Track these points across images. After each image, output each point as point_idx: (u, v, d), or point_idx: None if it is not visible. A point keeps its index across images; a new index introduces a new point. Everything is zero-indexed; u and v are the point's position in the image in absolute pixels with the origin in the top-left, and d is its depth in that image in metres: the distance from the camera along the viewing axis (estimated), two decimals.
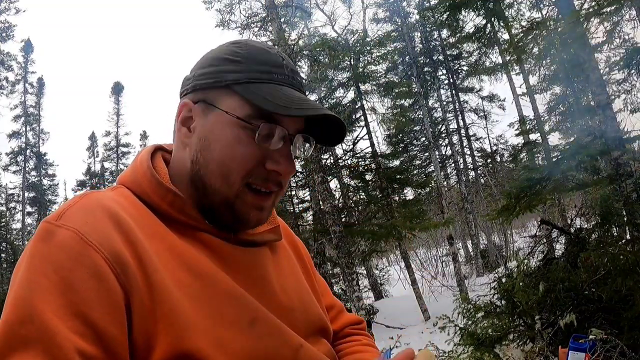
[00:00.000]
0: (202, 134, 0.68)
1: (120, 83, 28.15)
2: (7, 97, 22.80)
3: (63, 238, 0.56)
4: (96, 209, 0.60)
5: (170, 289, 0.58)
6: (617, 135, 5.30)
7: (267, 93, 0.65)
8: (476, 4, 6.03)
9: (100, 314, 0.53)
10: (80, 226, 0.57)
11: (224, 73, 0.67)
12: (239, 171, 0.66)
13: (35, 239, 0.57)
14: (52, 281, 0.53)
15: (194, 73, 0.71)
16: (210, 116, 0.67)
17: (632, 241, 4.00)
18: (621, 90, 9.83)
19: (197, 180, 0.68)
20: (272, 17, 10.07)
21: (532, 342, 3.93)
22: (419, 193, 13.24)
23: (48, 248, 0.55)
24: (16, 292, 0.53)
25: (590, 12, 4.26)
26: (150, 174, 0.67)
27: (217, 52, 0.71)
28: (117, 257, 0.56)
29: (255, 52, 0.69)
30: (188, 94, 0.71)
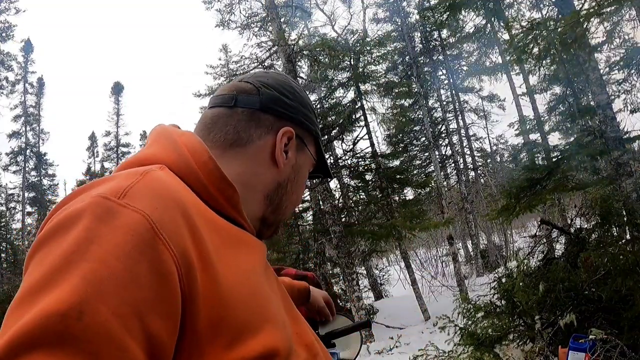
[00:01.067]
0: (295, 167, 0.78)
1: (120, 83, 28.19)
2: (7, 97, 22.85)
3: (131, 222, 0.48)
4: (165, 194, 0.53)
5: (228, 291, 0.54)
6: (617, 135, 5.31)
7: (323, 153, 0.86)
8: (476, 4, 6.03)
9: (157, 318, 0.47)
10: (151, 212, 0.50)
11: (315, 124, 0.82)
12: (299, 204, 0.86)
13: (90, 217, 0.48)
14: (113, 272, 0.45)
15: (296, 105, 0.78)
16: (302, 154, 0.79)
17: (632, 241, 3.99)
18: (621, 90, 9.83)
19: (275, 198, 0.76)
20: (272, 17, 10.07)
21: (532, 342, 3.93)
22: (419, 193, 13.25)
23: (110, 230, 0.47)
24: (58, 277, 0.44)
25: (590, 12, 4.26)
26: (213, 165, 0.64)
27: (307, 97, 0.83)
28: (184, 257, 0.50)
29: (315, 110, 0.87)
30: (286, 120, 0.76)
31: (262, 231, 0.77)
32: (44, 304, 0.42)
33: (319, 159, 0.84)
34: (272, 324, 0.58)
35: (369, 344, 8.54)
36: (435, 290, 12.45)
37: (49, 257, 0.46)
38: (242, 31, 11.42)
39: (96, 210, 0.48)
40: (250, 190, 0.72)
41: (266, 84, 0.76)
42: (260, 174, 0.73)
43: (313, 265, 10.39)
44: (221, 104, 0.75)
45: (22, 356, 0.41)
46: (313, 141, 0.82)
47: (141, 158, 0.65)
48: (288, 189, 0.77)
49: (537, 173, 5.75)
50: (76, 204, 0.51)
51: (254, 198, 0.72)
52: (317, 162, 0.84)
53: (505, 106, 20.66)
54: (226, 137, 0.72)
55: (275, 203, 0.76)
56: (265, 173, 0.74)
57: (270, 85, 0.77)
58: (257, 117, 0.73)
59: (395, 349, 8.19)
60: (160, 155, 0.64)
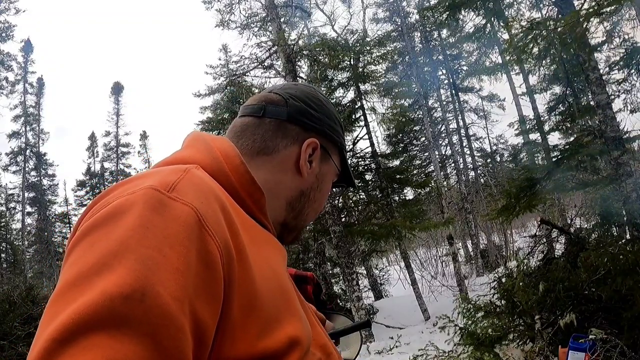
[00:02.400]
0: (319, 177, 0.82)
1: (120, 83, 28.23)
2: (7, 97, 22.85)
3: (181, 213, 0.51)
4: (207, 190, 0.57)
5: (259, 283, 0.57)
6: (617, 135, 5.31)
7: (348, 163, 0.89)
8: (476, 4, 6.03)
9: (204, 302, 0.50)
10: (198, 205, 0.53)
11: (340, 136, 0.86)
12: (320, 211, 0.88)
13: (144, 207, 0.50)
14: (169, 259, 0.47)
15: (321, 117, 0.82)
16: (326, 164, 0.83)
17: (632, 241, 4.00)
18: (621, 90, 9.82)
19: (297, 206, 0.80)
20: (272, 17, 10.07)
21: (532, 341, 3.93)
22: (418, 193, 13.24)
23: (163, 221, 0.49)
24: (114, 261, 0.46)
25: (590, 12, 4.26)
26: (245, 169, 0.68)
27: (332, 109, 0.86)
28: (226, 248, 0.54)
29: (341, 121, 0.89)
30: (311, 131, 0.80)
31: (283, 235, 0.81)
32: (104, 286, 0.44)
33: (343, 169, 0.88)
34: (296, 317, 0.62)
35: (369, 344, 8.53)
36: (435, 290, 12.46)
37: (102, 242, 0.48)
38: (242, 31, 11.43)
39: (149, 201, 0.51)
40: (274, 196, 0.76)
41: (294, 95, 0.80)
42: (285, 181, 0.77)
43: (313, 265, 10.40)
44: (250, 113, 0.80)
45: (84, 337, 0.41)
46: (337, 152, 0.86)
47: (178, 158, 0.68)
48: (311, 197, 0.81)
49: (537, 173, 5.75)
50: (124, 194, 0.53)
51: (277, 204, 0.77)
52: (341, 172, 0.88)
53: (505, 106, 20.68)
54: (254, 145, 0.77)
55: (297, 210, 0.80)
56: (289, 181, 0.78)
57: (297, 97, 0.81)
58: (284, 128, 0.78)
59: (395, 348, 8.19)
60: (196, 157, 0.68)
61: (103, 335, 0.42)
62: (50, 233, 23.71)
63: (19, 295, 8.23)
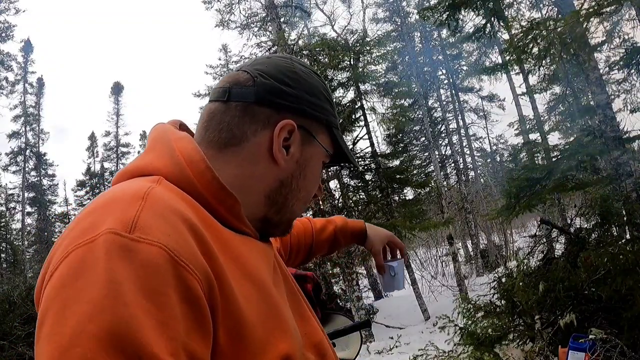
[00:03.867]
0: (301, 162, 0.71)
1: (120, 83, 28.24)
2: (7, 97, 22.85)
3: (149, 257, 0.46)
4: (171, 216, 0.52)
5: (244, 307, 0.55)
6: (617, 135, 5.31)
7: (344, 141, 0.79)
8: (476, 4, 6.03)
9: (198, 342, 0.47)
10: (166, 241, 0.48)
11: (326, 112, 0.74)
12: (311, 199, 0.79)
13: (107, 258, 0.46)
14: (149, 313, 0.44)
15: (298, 93, 0.70)
16: (309, 147, 0.72)
17: (632, 241, 3.99)
18: (621, 90, 9.83)
19: (278, 198, 0.71)
20: (271, 17, 10.08)
21: (532, 341, 3.92)
22: (418, 193, 13.23)
23: (134, 270, 0.45)
24: (97, 329, 0.42)
25: (590, 12, 4.26)
26: (211, 175, 0.61)
27: (316, 82, 0.74)
28: (206, 278, 0.50)
29: (332, 96, 0.79)
30: (286, 112, 0.68)
31: (268, 231, 0.72)
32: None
33: (335, 148, 0.77)
34: (287, 333, 0.59)
35: (369, 343, 8.53)
36: (435, 290, 12.45)
37: (74, 306, 0.44)
38: (242, 31, 11.44)
39: (112, 249, 0.46)
40: (249, 192, 0.67)
41: (263, 72, 0.69)
42: (259, 174, 0.68)
43: (313, 265, 10.39)
44: (217, 98, 0.69)
45: None
46: (325, 130, 0.74)
47: (139, 167, 0.63)
48: (293, 186, 0.71)
49: (536, 173, 5.75)
50: (82, 240, 0.48)
51: (253, 200, 0.68)
52: (334, 152, 0.77)
53: (505, 106, 20.69)
54: (220, 135, 0.67)
55: (279, 203, 0.71)
56: (264, 172, 0.68)
57: (268, 73, 0.69)
58: (252, 111, 0.67)
59: (395, 348, 8.19)
60: (157, 165, 0.61)
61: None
62: (50, 233, 23.71)
63: (19, 295, 8.23)
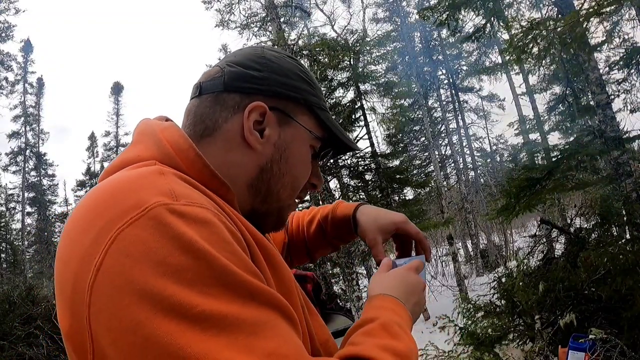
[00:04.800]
0: (280, 145, 0.68)
1: (120, 83, 28.19)
2: (6, 97, 22.84)
3: (206, 216, 0.49)
4: (191, 186, 0.55)
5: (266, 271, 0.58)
6: (617, 135, 5.31)
7: (333, 122, 0.74)
8: (476, 4, 6.03)
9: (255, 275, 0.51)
10: (208, 204, 0.51)
11: (305, 92, 0.70)
12: (301, 186, 0.73)
13: (173, 224, 0.46)
14: (237, 256, 0.49)
15: (267, 76, 0.67)
16: (288, 128, 0.69)
17: (632, 241, 4.00)
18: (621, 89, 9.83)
19: (261, 186, 0.68)
20: (271, 17, 10.08)
21: (532, 341, 3.93)
22: (418, 193, 13.24)
23: (197, 230, 0.47)
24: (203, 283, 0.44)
25: (590, 12, 4.26)
26: (202, 163, 0.59)
27: (288, 64, 0.71)
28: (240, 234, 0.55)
29: (314, 78, 0.75)
30: (256, 95, 0.66)
31: (260, 224, 0.68)
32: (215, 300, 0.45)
33: (325, 131, 0.73)
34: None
35: None
36: (435, 290, 12.46)
37: (178, 280, 0.44)
38: (242, 31, 11.43)
39: (168, 217, 0.46)
40: (231, 183, 0.63)
41: (231, 62, 0.68)
42: (236, 162, 0.66)
43: (313, 265, 10.40)
44: (192, 95, 0.70)
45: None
46: (307, 111, 0.70)
47: (126, 159, 0.59)
48: (274, 171, 0.68)
49: (536, 173, 5.75)
50: (126, 218, 0.46)
51: (237, 192, 0.64)
52: (324, 135, 0.73)
53: (505, 106, 20.70)
54: (195, 128, 0.66)
55: (262, 191, 0.68)
56: (241, 160, 0.66)
57: (235, 62, 0.68)
58: (222, 100, 0.66)
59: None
60: (144, 156, 0.59)
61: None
62: (50, 233, 23.70)
63: (19, 295, 8.22)
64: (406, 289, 0.76)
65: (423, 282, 0.82)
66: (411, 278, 0.79)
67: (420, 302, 0.78)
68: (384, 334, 0.62)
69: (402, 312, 0.70)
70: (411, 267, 0.82)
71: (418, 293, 0.78)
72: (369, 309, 0.70)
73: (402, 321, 0.67)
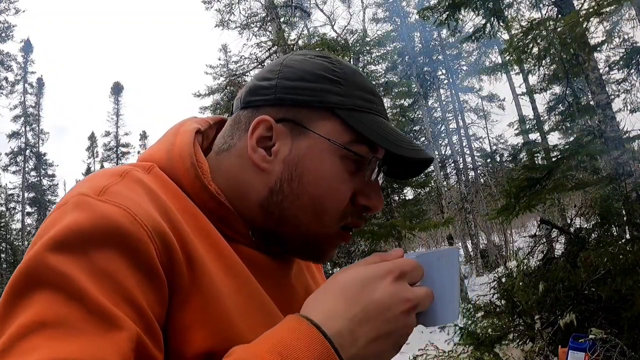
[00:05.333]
0: (290, 161, 0.59)
1: (120, 83, 28.23)
2: (6, 97, 22.88)
3: (108, 211, 0.48)
4: (141, 190, 0.53)
5: (213, 278, 0.52)
6: (617, 135, 5.31)
7: (374, 124, 0.59)
8: (476, 4, 6.03)
9: (142, 292, 0.46)
10: (129, 205, 0.49)
11: (324, 92, 0.59)
12: (335, 210, 0.60)
13: (73, 210, 0.48)
14: (96, 264, 0.45)
15: (276, 83, 0.60)
16: (302, 140, 0.59)
17: (632, 241, 4.00)
18: (621, 89, 9.83)
19: (274, 209, 0.60)
20: (271, 17, 10.08)
21: (532, 341, 3.93)
22: (418, 193, 13.24)
23: (89, 219, 0.47)
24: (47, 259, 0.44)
25: (590, 12, 4.26)
26: (195, 174, 0.58)
27: (308, 65, 0.61)
28: (161, 237, 0.49)
29: (354, 74, 0.62)
30: (264, 107, 0.60)
31: (287, 249, 0.63)
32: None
33: (356, 134, 0.59)
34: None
35: None
36: None
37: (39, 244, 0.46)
38: (242, 31, 11.44)
39: (77, 204, 0.49)
40: (243, 199, 0.60)
41: (254, 76, 0.65)
42: (246, 181, 0.61)
43: None
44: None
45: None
46: (328, 114, 0.59)
47: (143, 157, 0.63)
48: (286, 192, 0.59)
49: (536, 173, 5.74)
50: (59, 204, 0.52)
51: (250, 209, 0.61)
52: (355, 139, 0.59)
53: (504, 106, 20.70)
54: (218, 142, 0.65)
55: (275, 214, 0.60)
56: (251, 179, 0.60)
57: (256, 76, 0.65)
58: (238, 118, 0.63)
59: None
60: (156, 157, 0.61)
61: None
62: None
63: None
64: (362, 308, 0.47)
65: (413, 300, 0.49)
66: (383, 290, 0.48)
67: (389, 337, 0.48)
68: None
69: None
70: (395, 269, 0.50)
71: (386, 319, 0.47)
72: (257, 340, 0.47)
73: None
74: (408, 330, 0.50)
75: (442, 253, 0.55)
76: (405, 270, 0.51)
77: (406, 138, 0.62)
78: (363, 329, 0.47)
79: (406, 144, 0.60)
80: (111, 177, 0.54)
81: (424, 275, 0.53)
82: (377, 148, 0.61)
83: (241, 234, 0.60)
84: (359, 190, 0.61)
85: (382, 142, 0.58)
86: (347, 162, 0.59)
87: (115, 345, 0.41)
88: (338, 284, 0.50)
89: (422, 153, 0.61)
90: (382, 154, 0.62)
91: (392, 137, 0.59)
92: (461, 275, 1.26)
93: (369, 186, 0.61)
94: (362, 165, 0.60)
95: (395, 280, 0.49)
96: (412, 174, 0.69)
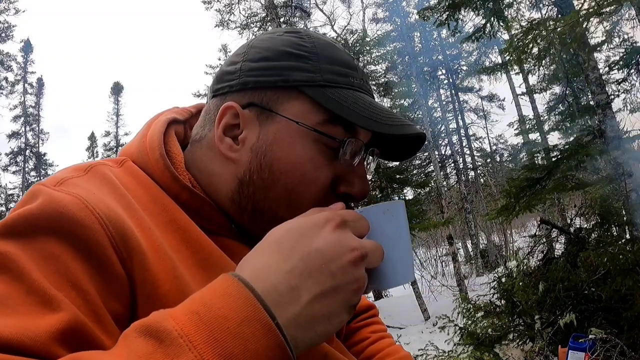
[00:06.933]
0: (258, 148, 0.55)
1: (120, 83, 28.20)
2: (6, 98, 22.86)
3: (58, 198, 0.46)
4: (102, 184, 0.51)
5: (172, 259, 0.50)
6: (617, 135, 5.31)
7: (348, 100, 0.53)
8: (476, 4, 6.03)
9: (91, 284, 0.44)
10: (84, 195, 0.47)
11: (289, 70, 0.54)
12: (312, 201, 0.54)
13: (27, 199, 0.48)
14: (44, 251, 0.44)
15: (240, 66, 0.56)
16: (269, 125, 0.55)
17: (632, 241, 4.00)
18: (621, 89, 9.84)
19: (246, 202, 0.56)
20: (271, 17, 10.08)
21: (532, 341, 3.93)
22: (418, 193, 13.24)
23: (38, 208, 0.46)
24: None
25: (590, 12, 4.26)
26: (164, 164, 0.55)
27: (274, 43, 0.56)
28: (116, 227, 0.47)
29: (325, 48, 0.57)
30: (231, 94, 0.57)
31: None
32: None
33: (330, 110, 0.53)
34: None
35: None
36: (435, 290, 12.45)
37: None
38: (242, 31, 11.44)
39: (32, 193, 0.48)
40: (216, 192, 0.58)
41: (223, 64, 0.63)
42: (216, 172, 0.58)
43: None
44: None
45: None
46: (297, 94, 0.54)
47: (121, 152, 0.62)
48: (257, 183, 0.55)
49: (536, 173, 5.75)
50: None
51: (223, 202, 0.58)
52: (324, 118, 0.54)
53: (504, 106, 20.69)
54: (193, 132, 0.63)
55: (248, 208, 0.56)
56: (220, 170, 0.57)
57: (225, 62, 0.62)
58: (208, 108, 0.60)
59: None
60: (130, 149, 0.60)
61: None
62: None
63: None
64: (301, 258, 0.41)
65: (360, 248, 0.43)
66: (324, 238, 0.42)
67: (337, 293, 0.41)
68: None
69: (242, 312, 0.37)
70: (335, 217, 0.44)
71: (331, 273, 0.41)
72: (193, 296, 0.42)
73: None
74: (359, 284, 0.42)
75: (387, 206, 0.50)
76: (347, 219, 0.45)
77: (388, 113, 0.56)
78: (305, 283, 0.39)
79: (387, 119, 0.54)
80: (75, 171, 0.53)
81: (369, 230, 0.47)
82: (355, 128, 0.55)
83: (220, 226, 0.57)
84: (340, 177, 0.56)
85: (356, 118, 0.52)
86: (321, 145, 0.54)
87: (48, 324, 0.39)
88: (272, 238, 0.44)
89: (409, 128, 0.55)
90: (365, 134, 0.57)
91: (368, 113, 0.53)
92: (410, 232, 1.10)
93: (351, 172, 0.56)
94: (353, 150, 0.55)
95: (336, 228, 0.43)
96: (405, 154, 0.62)
